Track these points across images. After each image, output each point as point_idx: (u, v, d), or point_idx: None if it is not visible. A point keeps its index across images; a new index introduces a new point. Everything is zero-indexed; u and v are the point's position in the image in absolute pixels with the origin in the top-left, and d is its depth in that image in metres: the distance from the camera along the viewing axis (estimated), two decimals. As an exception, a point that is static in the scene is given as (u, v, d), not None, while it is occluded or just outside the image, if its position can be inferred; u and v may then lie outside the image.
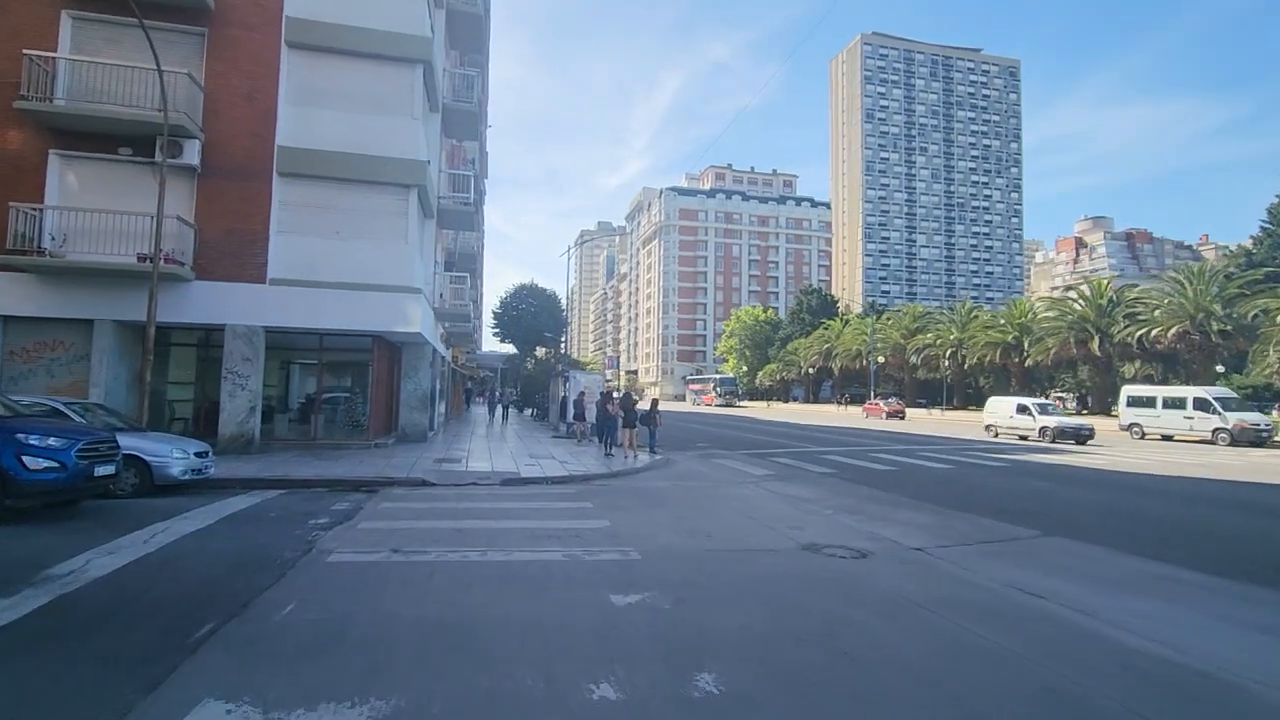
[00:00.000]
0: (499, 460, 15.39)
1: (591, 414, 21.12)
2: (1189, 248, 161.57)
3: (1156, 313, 39.98)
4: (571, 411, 21.82)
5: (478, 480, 12.34)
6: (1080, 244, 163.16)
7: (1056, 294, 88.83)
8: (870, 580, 6.28)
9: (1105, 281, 46.46)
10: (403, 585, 5.69)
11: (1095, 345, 42.72)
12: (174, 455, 9.79)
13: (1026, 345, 48.18)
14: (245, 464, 12.77)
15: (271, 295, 14.76)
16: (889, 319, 69.07)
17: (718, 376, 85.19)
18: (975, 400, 64.50)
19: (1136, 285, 48.66)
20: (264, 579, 5.73)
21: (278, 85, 15.07)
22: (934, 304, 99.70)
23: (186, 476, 9.88)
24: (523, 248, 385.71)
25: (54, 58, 13.63)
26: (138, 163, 13.98)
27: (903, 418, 47.26)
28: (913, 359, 59.69)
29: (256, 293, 14.69)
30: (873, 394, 58.90)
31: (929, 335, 58.78)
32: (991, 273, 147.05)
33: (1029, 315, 51.67)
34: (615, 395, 17.93)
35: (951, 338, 56.05)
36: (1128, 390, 30.93)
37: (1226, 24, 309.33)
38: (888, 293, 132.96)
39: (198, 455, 10.24)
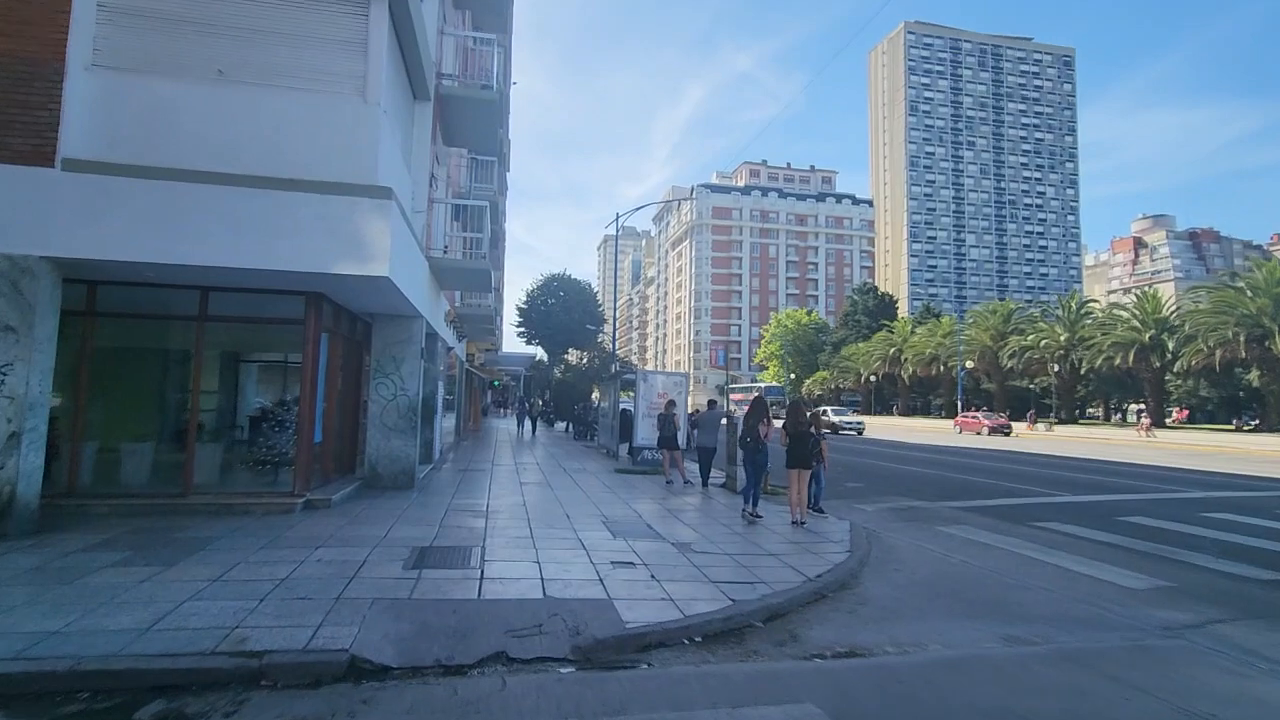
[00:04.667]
0: (549, 543, 7.25)
1: (684, 437, 13.08)
2: (1259, 247, 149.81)
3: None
4: (651, 433, 13.64)
5: (509, 645, 4.24)
6: (1139, 244, 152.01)
7: (1121, 296, 78.61)
8: None
9: (1276, 263, 37.22)
10: None
11: None
12: None
13: (1171, 346, 39.00)
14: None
15: (73, 192, 6.88)
16: (972, 319, 60.13)
17: (762, 385, 76.32)
18: (1083, 413, 55.43)
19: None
20: None
21: None
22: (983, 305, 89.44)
23: None
24: (545, 259, 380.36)
25: None
26: None
27: (1008, 433, 40.49)
28: (1009, 364, 50.49)
29: (34, 186, 6.81)
30: (960, 405, 50.28)
31: (1029, 336, 49.57)
32: (1046, 274, 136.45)
33: (1162, 311, 42.52)
34: (764, 404, 9.57)
35: (1061, 339, 46.88)
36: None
37: (1257, 31, 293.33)
38: (935, 295, 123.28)
39: None
